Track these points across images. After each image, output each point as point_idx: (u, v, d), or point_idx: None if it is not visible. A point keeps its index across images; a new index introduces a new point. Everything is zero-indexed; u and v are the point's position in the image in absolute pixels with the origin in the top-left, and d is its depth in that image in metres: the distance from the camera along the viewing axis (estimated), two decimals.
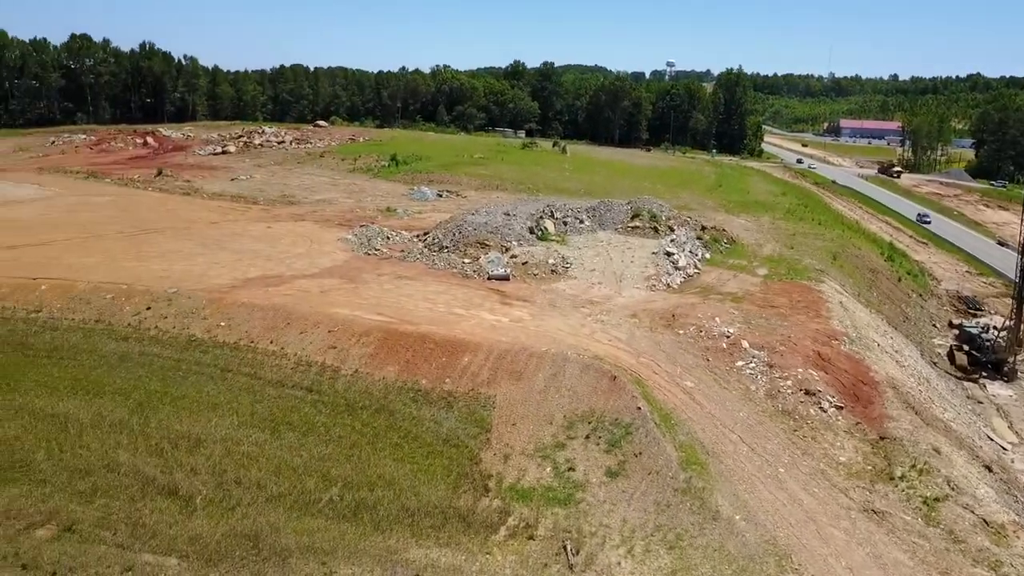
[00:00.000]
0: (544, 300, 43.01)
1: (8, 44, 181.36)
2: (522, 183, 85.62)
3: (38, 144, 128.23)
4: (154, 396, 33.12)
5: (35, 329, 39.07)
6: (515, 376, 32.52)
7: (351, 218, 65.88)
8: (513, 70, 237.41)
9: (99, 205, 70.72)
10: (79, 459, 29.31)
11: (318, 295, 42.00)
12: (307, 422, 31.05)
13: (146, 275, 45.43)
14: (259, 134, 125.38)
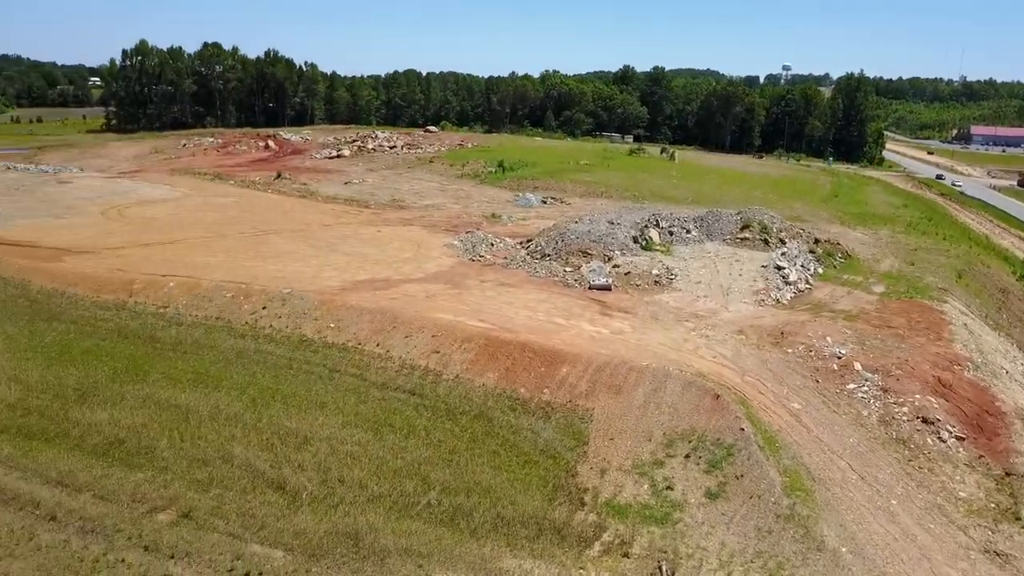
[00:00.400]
0: (646, 312, 42.48)
1: (148, 53, 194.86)
2: (627, 190, 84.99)
3: (171, 146, 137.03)
4: (267, 392, 34.71)
5: (163, 324, 41.73)
6: (614, 390, 32.25)
7: (457, 223, 67.08)
8: (623, 75, 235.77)
9: (223, 206, 74.89)
10: (198, 449, 31.07)
11: (423, 300, 42.98)
12: (409, 425, 31.80)
13: (263, 275, 47.69)
14: (372, 139, 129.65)
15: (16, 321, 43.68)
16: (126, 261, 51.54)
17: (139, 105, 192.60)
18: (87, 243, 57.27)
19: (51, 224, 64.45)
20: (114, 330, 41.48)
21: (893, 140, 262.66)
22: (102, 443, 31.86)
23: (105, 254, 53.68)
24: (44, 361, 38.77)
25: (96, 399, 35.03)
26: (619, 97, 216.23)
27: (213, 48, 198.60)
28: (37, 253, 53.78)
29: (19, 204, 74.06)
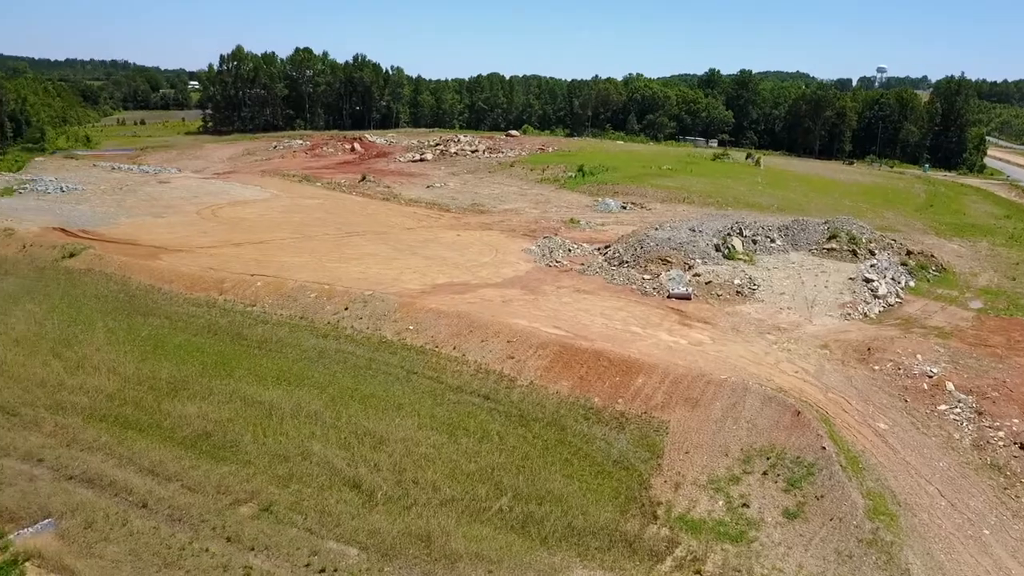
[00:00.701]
0: (727, 323, 41.60)
1: (243, 58, 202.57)
2: (710, 196, 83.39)
3: (262, 148, 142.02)
4: (346, 392, 35.58)
5: (250, 322, 43.30)
6: (691, 403, 31.72)
7: (535, 228, 67.23)
8: (708, 78, 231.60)
9: (309, 207, 77.18)
10: (279, 445, 32.10)
11: (500, 305, 43.25)
12: (482, 429, 32.05)
13: (345, 276, 48.90)
14: (454, 142, 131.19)
15: (116, 315, 46.09)
16: (217, 260, 53.69)
17: (234, 108, 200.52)
18: (182, 241, 59.95)
19: (150, 223, 67.75)
20: (205, 327, 43.28)
21: (996, 146, 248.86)
22: (191, 435, 33.30)
23: (198, 252, 56.07)
24: (140, 354, 40.79)
25: (186, 393, 36.64)
26: (704, 101, 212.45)
27: (304, 53, 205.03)
28: (137, 251, 56.61)
29: (122, 203, 78.12)
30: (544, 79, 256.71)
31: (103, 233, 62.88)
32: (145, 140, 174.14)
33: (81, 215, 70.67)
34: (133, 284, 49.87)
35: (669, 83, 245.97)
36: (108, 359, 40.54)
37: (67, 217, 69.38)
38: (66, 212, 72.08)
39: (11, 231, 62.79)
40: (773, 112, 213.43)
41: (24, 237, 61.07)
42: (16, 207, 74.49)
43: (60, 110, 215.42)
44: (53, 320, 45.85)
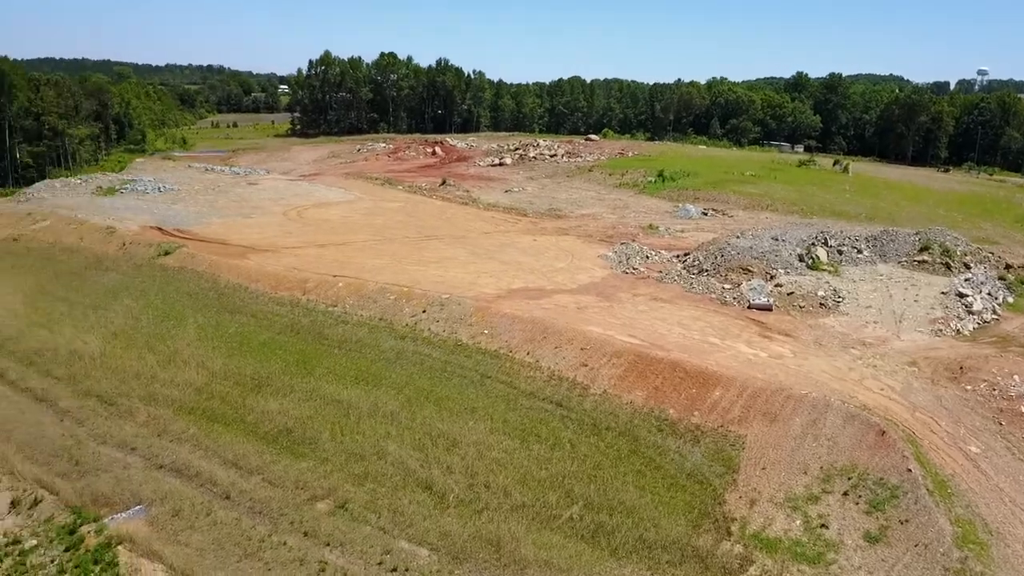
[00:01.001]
0: (809, 336, 40.40)
1: (331, 63, 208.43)
2: (795, 204, 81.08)
3: (347, 151, 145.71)
4: (421, 393, 36.15)
5: (331, 322, 44.47)
6: (769, 417, 30.94)
7: (612, 234, 66.80)
8: (795, 81, 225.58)
9: (390, 210, 78.75)
10: (356, 444, 32.88)
11: (574, 311, 43.15)
12: (554, 436, 32.05)
13: (424, 279, 49.69)
14: (533, 147, 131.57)
15: (206, 312, 48.07)
16: (301, 260, 55.35)
17: (320, 112, 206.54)
18: (269, 242, 62.06)
19: (239, 223, 70.39)
20: (288, 325, 44.69)
21: None
22: (272, 431, 34.47)
23: (284, 253, 57.92)
24: (227, 350, 42.44)
25: (269, 389, 37.93)
26: (790, 105, 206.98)
27: (389, 57, 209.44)
28: (226, 250, 58.89)
29: (214, 204, 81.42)
30: (625, 82, 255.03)
31: (196, 232, 65.68)
32: (237, 142, 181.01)
33: (176, 215, 73.99)
34: (222, 282, 51.88)
35: (754, 87, 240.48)
36: (197, 354, 42.35)
37: (163, 216, 72.75)
38: (162, 211, 75.58)
39: (113, 229, 66.24)
40: (864, 117, 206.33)
41: (124, 235, 64.34)
42: (118, 206, 78.56)
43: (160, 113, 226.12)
44: (148, 315, 48.18)
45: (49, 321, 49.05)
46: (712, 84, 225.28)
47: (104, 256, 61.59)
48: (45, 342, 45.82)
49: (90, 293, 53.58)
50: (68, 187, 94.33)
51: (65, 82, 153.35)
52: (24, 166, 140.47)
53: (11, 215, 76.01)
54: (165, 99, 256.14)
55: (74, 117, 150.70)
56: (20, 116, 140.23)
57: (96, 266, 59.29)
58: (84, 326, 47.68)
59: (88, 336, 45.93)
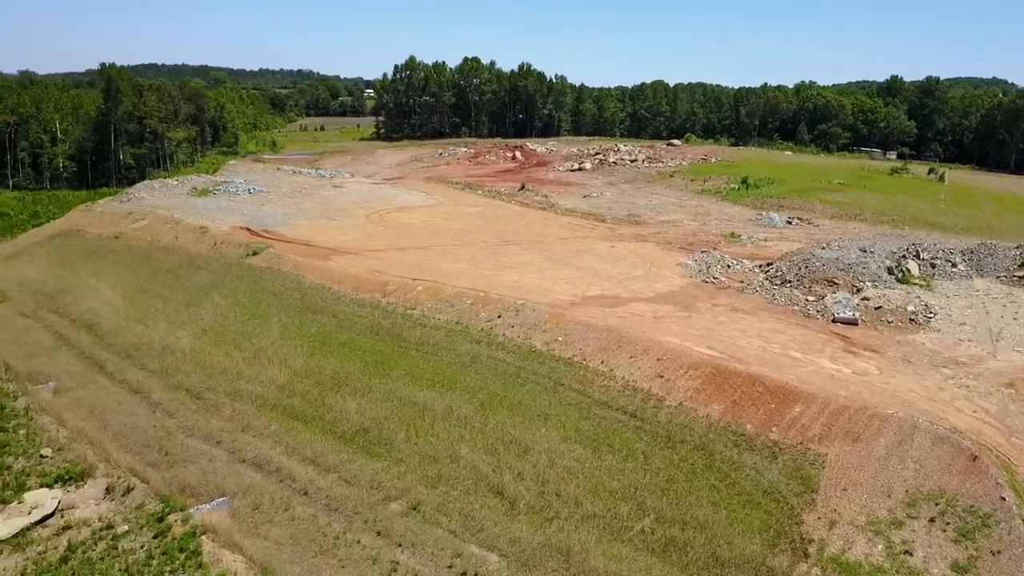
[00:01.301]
0: (896, 353, 38.79)
1: (416, 67, 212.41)
2: (885, 214, 78.02)
3: (429, 155, 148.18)
4: (495, 398, 36.38)
5: (409, 325, 45.23)
6: (851, 437, 29.85)
7: (693, 242, 65.75)
8: (889, 85, 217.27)
9: (469, 215, 79.60)
10: (430, 446, 33.36)
11: (651, 321, 42.65)
12: (627, 447, 31.75)
13: (500, 284, 50.00)
14: (614, 151, 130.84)
15: (290, 312, 49.60)
16: (383, 263, 56.51)
17: (404, 116, 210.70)
18: (351, 244, 63.60)
19: (324, 225, 72.40)
20: (368, 327, 45.67)
21: None
22: (350, 430, 35.29)
23: (366, 255, 59.26)
24: (308, 350, 43.68)
25: (348, 389, 38.86)
26: (883, 110, 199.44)
27: (472, 62, 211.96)
28: (311, 251, 60.65)
29: (300, 206, 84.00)
30: (709, 86, 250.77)
31: (282, 234, 67.87)
32: (324, 145, 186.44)
33: (264, 216, 76.65)
34: (306, 283, 53.43)
35: (845, 91, 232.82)
36: (280, 352, 43.76)
37: (252, 217, 75.47)
38: (251, 212, 78.43)
39: (205, 229, 69.11)
40: (963, 122, 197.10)
41: (216, 235, 67.03)
42: (210, 207, 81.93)
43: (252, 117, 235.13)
44: (236, 313, 50.05)
45: (145, 317, 51.57)
46: (800, 88, 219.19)
47: (197, 255, 64.29)
48: (141, 336, 48.20)
49: (183, 291, 56.03)
50: (165, 188, 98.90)
51: (166, 87, 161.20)
52: (126, 167, 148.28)
53: (114, 214, 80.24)
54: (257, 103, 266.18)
55: (173, 120, 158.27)
56: (124, 119, 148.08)
57: (189, 264, 61.98)
58: (177, 322, 49.92)
59: (180, 332, 48.05)
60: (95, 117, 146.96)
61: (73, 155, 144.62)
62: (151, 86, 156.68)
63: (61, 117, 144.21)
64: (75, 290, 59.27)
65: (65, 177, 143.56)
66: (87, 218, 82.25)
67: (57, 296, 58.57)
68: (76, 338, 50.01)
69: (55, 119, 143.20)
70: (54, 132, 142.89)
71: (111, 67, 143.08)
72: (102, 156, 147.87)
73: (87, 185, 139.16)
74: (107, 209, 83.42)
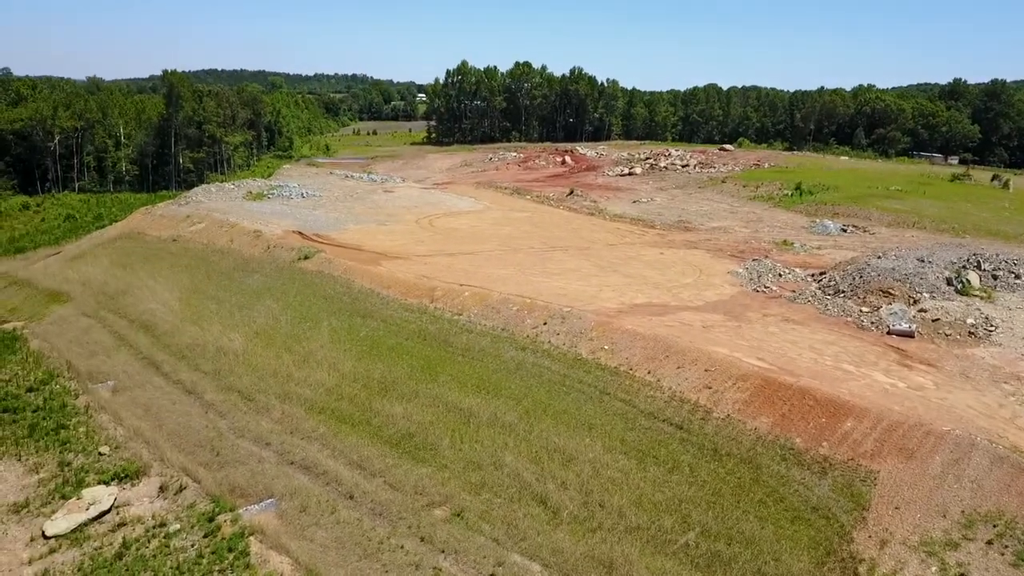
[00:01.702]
0: (954, 367, 37.60)
1: (467, 72, 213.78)
2: (945, 222, 75.69)
3: (479, 160, 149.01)
4: (539, 406, 36.35)
5: (456, 330, 45.51)
6: (905, 454, 29.03)
7: (744, 249, 64.77)
8: (952, 88, 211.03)
9: (518, 220, 79.79)
10: (474, 452, 33.47)
11: (699, 330, 42.14)
12: (673, 459, 31.40)
13: (546, 291, 49.98)
14: (665, 156, 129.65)
15: (340, 316, 50.35)
16: (431, 268, 57.00)
17: (455, 120, 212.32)
18: (401, 249, 64.29)
19: (374, 230, 73.35)
20: (415, 332, 46.10)
21: None
22: (395, 435, 35.61)
23: (414, 260, 59.83)
24: (357, 353, 44.25)
25: (395, 393, 39.24)
26: (945, 114, 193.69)
27: (524, 67, 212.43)
28: (360, 256, 61.50)
29: (352, 210, 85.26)
30: (763, 90, 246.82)
31: (334, 238, 68.98)
32: (376, 149, 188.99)
33: (316, 220, 78.01)
34: (355, 287, 54.19)
35: (905, 94, 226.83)
36: (330, 356, 44.43)
37: (304, 221, 76.89)
38: (304, 216, 79.90)
39: (259, 233, 70.65)
40: None
41: (269, 239, 68.46)
42: (264, 211, 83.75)
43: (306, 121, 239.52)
44: (287, 316, 51.00)
45: (200, 318, 52.84)
46: (858, 92, 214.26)
47: (251, 258, 65.75)
48: (196, 338, 49.41)
49: (237, 293, 57.29)
50: (222, 191, 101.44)
51: (224, 93, 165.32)
52: (186, 171, 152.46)
53: (172, 217, 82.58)
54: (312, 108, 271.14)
55: (231, 125, 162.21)
56: (184, 124, 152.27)
57: (243, 267, 63.42)
58: (230, 324, 51.04)
59: (233, 334, 49.12)
60: (157, 122, 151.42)
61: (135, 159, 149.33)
62: (210, 92, 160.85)
63: (125, 122, 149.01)
64: (134, 291, 61.06)
65: (127, 180, 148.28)
66: (147, 221, 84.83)
67: (117, 297, 60.43)
68: (134, 338, 51.50)
69: (119, 124, 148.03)
70: (118, 137, 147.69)
71: (173, 73, 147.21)
72: (163, 160, 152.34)
73: (148, 188, 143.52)
74: (166, 212, 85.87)
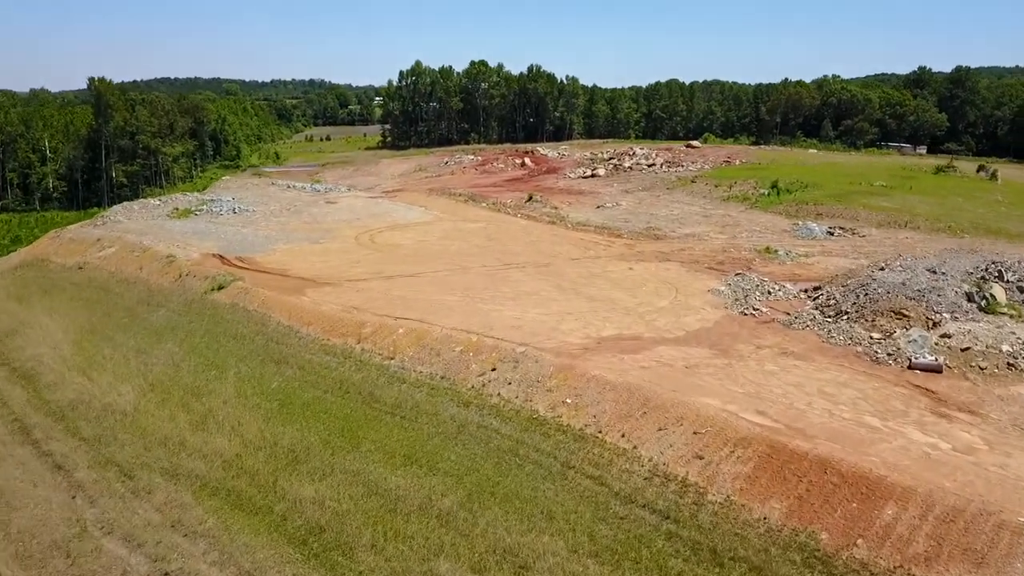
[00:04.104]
0: (1002, 414, 30.16)
1: (422, 73, 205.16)
2: (939, 220, 68.77)
3: (434, 164, 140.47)
4: (486, 485, 28.37)
5: (384, 380, 37.26)
6: (974, 557, 21.43)
7: (723, 260, 57.29)
8: (917, 77, 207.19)
9: (470, 232, 71.51)
10: (400, 555, 25.36)
11: (682, 372, 34.31)
12: (659, 565, 23.52)
13: (498, 323, 42.04)
14: (629, 155, 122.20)
15: (250, 360, 41.98)
16: (363, 296, 48.71)
17: (411, 123, 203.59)
18: (333, 272, 55.82)
19: (306, 249, 64.68)
20: (336, 382, 37.80)
21: None
22: (302, 528, 27.46)
23: (346, 287, 51.43)
24: (265, 412, 35.96)
25: (306, 467, 31.06)
26: (912, 103, 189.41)
27: (480, 66, 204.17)
28: (284, 283, 52.95)
29: (286, 226, 76.45)
30: (726, 84, 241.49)
31: (258, 262, 60.30)
32: (328, 156, 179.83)
33: (243, 240, 69.17)
34: (271, 324, 45.80)
35: (869, 84, 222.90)
36: (233, 415, 36.09)
37: (229, 242, 68.07)
38: (230, 236, 71.01)
39: (172, 258, 61.71)
40: (995, 113, 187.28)
41: (182, 265, 59.61)
42: (186, 230, 74.64)
43: (256, 128, 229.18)
44: (190, 362, 42.57)
45: (91, 366, 44.13)
46: (823, 83, 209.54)
47: (159, 289, 56.95)
48: (82, 392, 40.76)
49: (137, 333, 48.68)
50: (146, 209, 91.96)
51: (160, 100, 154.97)
52: (119, 185, 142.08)
53: (82, 241, 73.27)
54: (262, 114, 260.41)
55: (169, 135, 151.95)
56: (116, 136, 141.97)
57: (149, 300, 54.62)
58: (123, 373, 42.45)
59: (124, 386, 40.57)
60: (86, 134, 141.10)
61: (64, 174, 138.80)
62: (143, 100, 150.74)
63: (51, 135, 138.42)
64: (26, 331, 52.05)
65: (55, 198, 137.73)
66: (54, 245, 75.35)
67: (5, 339, 51.43)
68: (10, 393, 42.69)
69: (44, 137, 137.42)
70: (44, 151, 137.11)
71: (100, 81, 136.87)
72: (95, 175, 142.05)
73: (78, 205, 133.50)
74: (77, 235, 76.44)
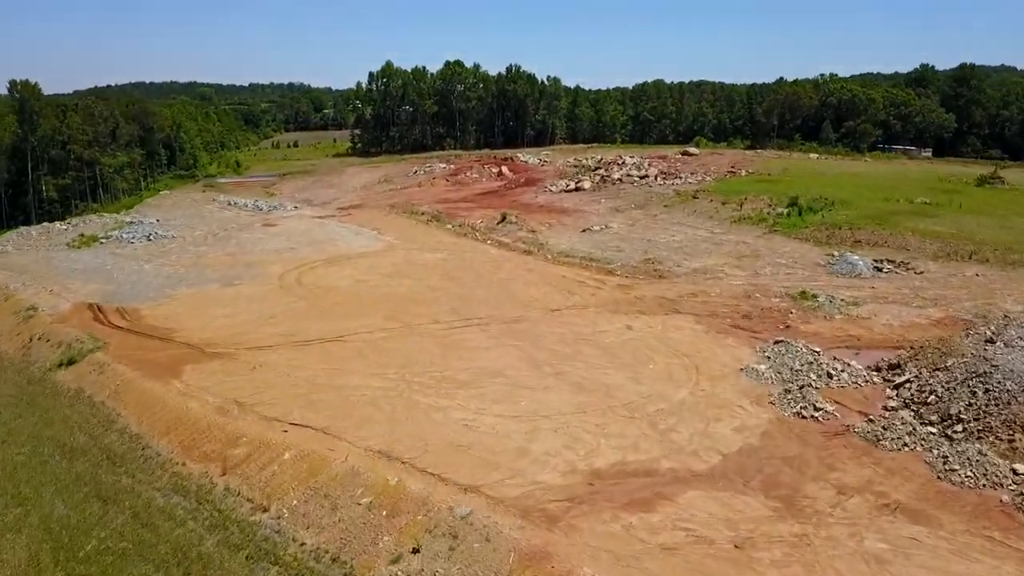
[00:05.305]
0: None
1: (393, 74, 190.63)
2: (1012, 250, 54.51)
3: (402, 174, 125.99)
4: None
5: (249, 552, 23.15)
6: None
7: (749, 312, 43.47)
8: (920, 76, 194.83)
9: (425, 267, 57.18)
10: None
11: (730, 560, 20.41)
12: None
13: (439, 433, 28.18)
14: (618, 165, 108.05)
15: (69, 495, 28.03)
16: (259, 379, 34.64)
17: (383, 128, 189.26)
18: (233, 334, 41.64)
19: (212, 296, 50.38)
20: (172, 552, 23.71)
21: None
22: None
23: (240, 361, 37.30)
24: None
25: None
26: (917, 103, 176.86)
27: (455, 66, 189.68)
28: (159, 354, 38.74)
29: (201, 259, 62.07)
30: (717, 84, 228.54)
31: (142, 316, 46.03)
32: (292, 164, 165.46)
33: (138, 281, 54.76)
34: (116, 430, 31.76)
35: (870, 83, 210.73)
36: None
37: (120, 284, 53.77)
38: (124, 275, 56.61)
39: (33, 311, 47.43)
40: (1002, 113, 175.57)
41: (41, 322, 45.42)
42: (76, 267, 60.19)
43: (218, 135, 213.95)
44: None
45: None
46: (821, 82, 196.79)
47: (2, 357, 42.80)
48: None
49: None
50: (47, 235, 77.41)
51: (96, 106, 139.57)
52: (49, 200, 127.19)
53: None
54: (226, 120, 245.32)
55: (110, 144, 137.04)
56: (46, 145, 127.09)
57: None
58: None
59: None
60: (10, 144, 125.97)
61: None
62: (76, 106, 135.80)
63: None
64: None
65: None
66: None
67: None
68: None
69: None
70: None
71: (24, 85, 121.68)
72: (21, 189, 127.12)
73: (3, 223, 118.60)
74: None
